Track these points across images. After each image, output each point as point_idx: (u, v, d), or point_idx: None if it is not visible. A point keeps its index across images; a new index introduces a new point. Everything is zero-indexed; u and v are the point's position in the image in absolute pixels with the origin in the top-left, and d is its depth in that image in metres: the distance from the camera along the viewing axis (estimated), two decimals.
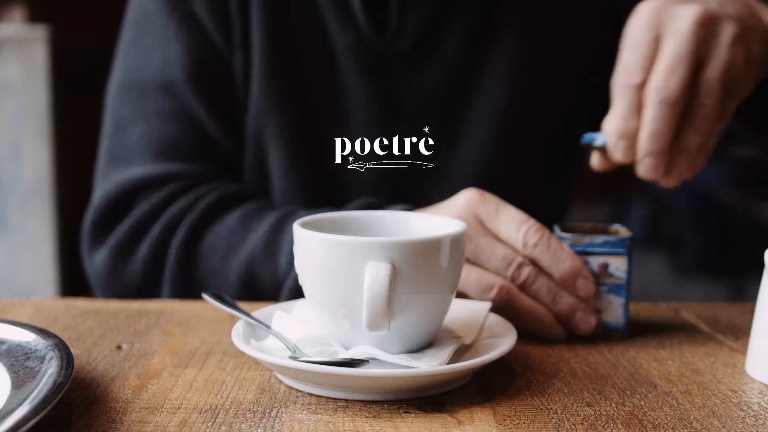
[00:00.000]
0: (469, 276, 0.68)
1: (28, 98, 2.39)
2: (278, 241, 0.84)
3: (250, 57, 0.94)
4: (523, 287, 0.68)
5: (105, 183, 0.93)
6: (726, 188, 4.10)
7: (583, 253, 0.70)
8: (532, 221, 0.69)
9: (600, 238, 0.70)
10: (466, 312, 0.66)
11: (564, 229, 0.72)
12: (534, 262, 0.68)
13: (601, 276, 0.70)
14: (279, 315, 0.64)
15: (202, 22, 0.93)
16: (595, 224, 0.74)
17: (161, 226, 0.88)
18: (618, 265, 0.70)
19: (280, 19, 0.94)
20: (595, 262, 0.70)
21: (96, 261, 0.91)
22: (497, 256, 0.68)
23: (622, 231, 0.72)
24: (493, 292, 0.67)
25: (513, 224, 0.69)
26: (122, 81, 0.95)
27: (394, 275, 0.55)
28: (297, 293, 0.79)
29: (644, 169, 0.71)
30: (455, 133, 0.97)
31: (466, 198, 0.71)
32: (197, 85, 0.93)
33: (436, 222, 0.65)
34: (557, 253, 0.68)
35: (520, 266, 0.68)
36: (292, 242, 0.80)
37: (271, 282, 0.84)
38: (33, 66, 2.33)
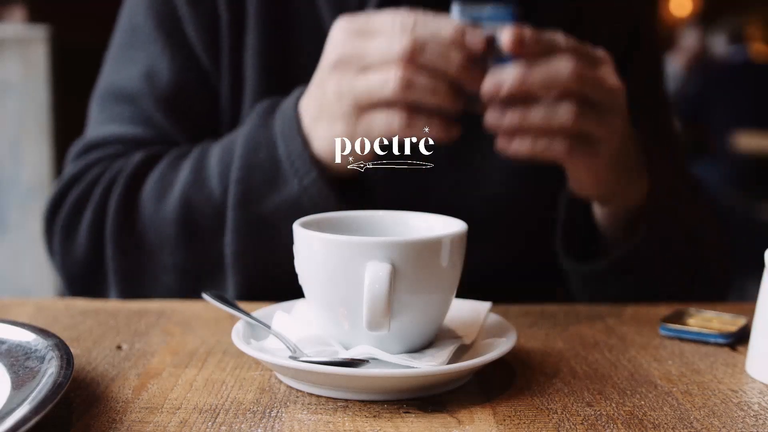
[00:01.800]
0: (357, 86, 0.70)
1: (28, 98, 2.39)
2: (205, 167, 0.82)
3: (243, 81, 0.91)
4: (414, 61, 0.68)
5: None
6: (726, 188, 4.11)
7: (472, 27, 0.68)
8: (401, 12, 0.69)
9: (486, 8, 0.68)
10: (466, 312, 0.66)
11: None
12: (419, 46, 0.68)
13: (488, 51, 0.68)
14: (279, 315, 0.64)
15: (190, 40, 0.91)
16: None
17: (100, 188, 0.87)
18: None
19: (280, 43, 0.92)
20: (481, 35, 0.68)
21: (54, 248, 0.90)
22: (373, 46, 0.69)
23: None
24: (390, 85, 0.68)
25: (386, 19, 0.69)
26: (104, 88, 0.94)
27: (394, 275, 0.55)
28: (245, 223, 0.79)
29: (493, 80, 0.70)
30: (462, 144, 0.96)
31: (337, 26, 0.72)
32: (177, 104, 0.91)
33: (436, 222, 0.65)
34: (438, 22, 0.68)
35: (398, 41, 0.68)
36: (221, 164, 0.81)
37: (209, 210, 0.82)
38: (33, 66, 2.33)
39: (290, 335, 0.61)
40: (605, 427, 0.52)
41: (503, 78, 0.69)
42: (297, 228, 0.60)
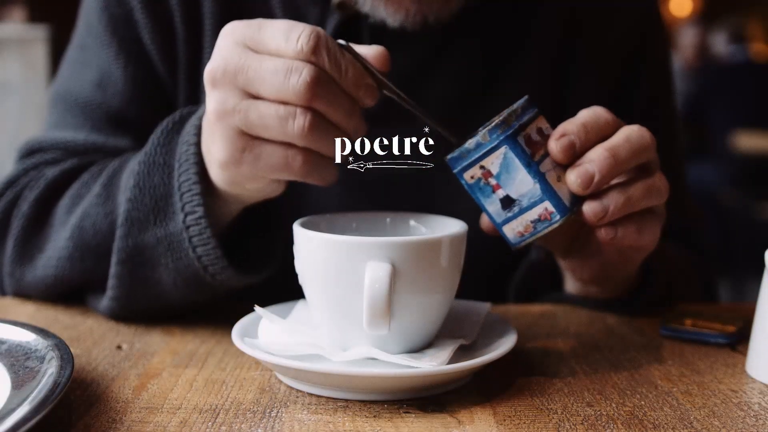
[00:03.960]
0: (248, 114, 0.60)
1: (28, 98, 2.39)
2: (116, 182, 0.75)
3: (200, 96, 0.85)
4: (313, 96, 0.58)
5: None
6: (726, 188, 4.11)
7: (464, 169, 0.60)
8: (301, 26, 0.59)
9: (514, 107, 0.59)
10: (466, 312, 0.66)
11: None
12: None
13: (544, 143, 0.60)
14: (264, 322, 0.63)
15: (146, 48, 0.85)
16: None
17: (22, 189, 0.82)
18: (545, 125, 0.61)
19: None
20: (532, 131, 0.59)
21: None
22: (268, 71, 0.59)
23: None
24: (293, 127, 0.59)
25: (280, 35, 0.59)
26: (57, 91, 0.90)
27: (394, 275, 0.55)
28: (122, 249, 0.70)
29: (580, 174, 0.60)
30: (427, 204, 0.82)
31: (225, 31, 0.62)
32: (128, 114, 0.85)
33: (436, 222, 0.65)
34: (338, 58, 0.59)
35: (298, 71, 0.58)
36: (134, 176, 0.71)
37: (106, 225, 0.73)
38: (33, 66, 2.33)
39: (283, 339, 0.61)
40: (605, 427, 0.52)
41: (588, 169, 0.60)
42: (297, 228, 0.60)
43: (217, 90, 0.61)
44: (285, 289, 0.70)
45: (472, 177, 0.60)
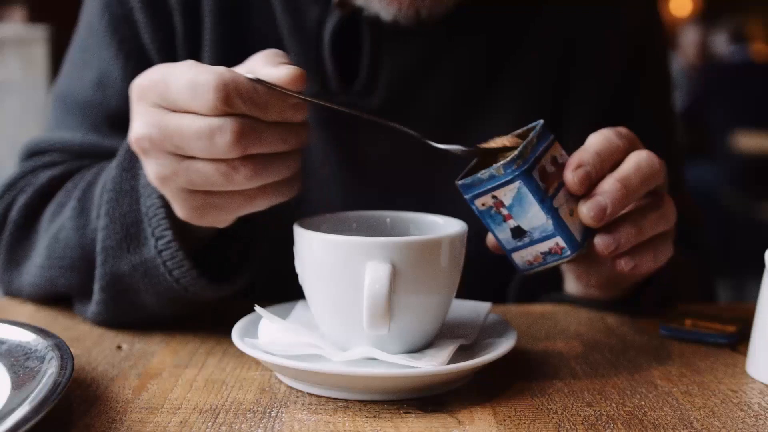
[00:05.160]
0: (188, 173, 0.58)
1: (28, 98, 2.39)
2: (90, 194, 0.73)
3: None
4: (244, 147, 0.56)
5: None
6: (726, 188, 4.11)
7: (475, 196, 0.59)
8: (204, 75, 0.56)
9: (529, 138, 0.58)
10: (466, 312, 0.66)
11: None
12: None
13: (558, 173, 0.59)
14: (264, 322, 0.63)
15: (145, 46, 0.84)
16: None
17: (17, 191, 0.82)
18: (560, 152, 0.60)
19: (239, 60, 0.86)
20: (547, 162, 0.58)
21: None
22: (191, 135, 0.56)
23: (496, 143, 0.60)
24: (232, 181, 0.57)
25: (186, 92, 0.56)
26: (59, 91, 0.90)
27: (394, 275, 0.55)
28: (102, 277, 0.69)
29: (593, 207, 0.60)
30: (426, 201, 0.83)
31: (135, 94, 0.60)
32: (128, 115, 0.85)
33: (436, 222, 0.65)
34: (252, 97, 0.56)
35: (220, 130, 0.56)
36: (104, 204, 0.70)
37: (75, 239, 0.72)
38: (33, 66, 2.33)
39: (281, 340, 0.61)
40: (605, 427, 0.52)
41: (603, 201, 0.60)
42: (297, 228, 0.60)
43: (151, 158, 0.59)
44: (285, 289, 0.70)
45: (483, 204, 0.59)
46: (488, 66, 0.86)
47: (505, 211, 0.58)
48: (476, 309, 0.66)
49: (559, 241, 0.58)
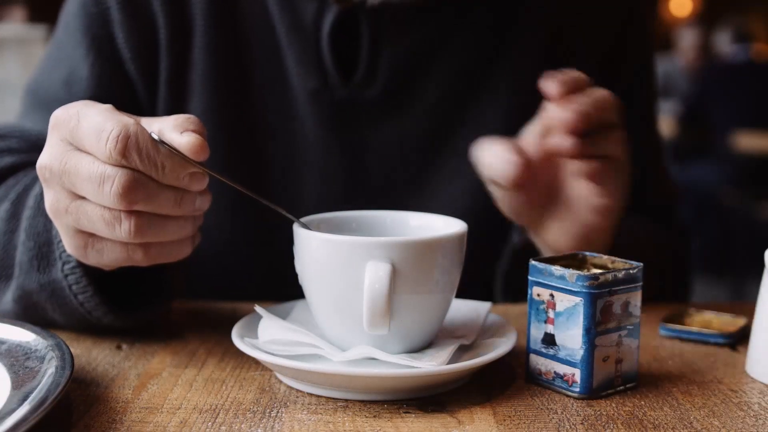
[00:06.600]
0: (81, 216, 0.58)
1: None
2: (24, 198, 0.72)
3: (186, 98, 0.84)
4: (130, 202, 0.56)
5: None
6: (726, 188, 4.11)
7: (537, 283, 0.59)
8: (111, 124, 0.56)
9: (620, 271, 0.58)
10: (466, 312, 0.66)
11: (545, 261, 0.60)
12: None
13: (622, 319, 0.58)
14: (264, 322, 0.63)
15: (118, 46, 0.84)
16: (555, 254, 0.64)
17: None
18: (636, 302, 0.59)
19: (233, 62, 0.85)
20: (618, 302, 0.58)
21: None
22: (84, 177, 0.56)
23: (593, 259, 0.62)
24: (122, 232, 0.57)
25: (93, 134, 0.56)
26: (28, 84, 0.90)
27: (394, 275, 0.55)
28: (16, 288, 0.69)
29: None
30: (427, 193, 0.87)
31: (51, 123, 0.60)
32: None
33: (436, 222, 0.65)
34: (151, 156, 0.56)
35: (111, 179, 0.56)
36: (25, 219, 0.70)
37: (4, 241, 0.71)
38: (33, 65, 2.32)
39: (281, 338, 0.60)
40: (605, 427, 0.52)
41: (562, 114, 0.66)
42: (297, 228, 0.60)
43: (49, 188, 0.60)
44: (285, 289, 0.70)
45: (538, 295, 0.59)
46: (487, 50, 0.87)
47: (551, 314, 0.58)
48: (476, 309, 0.66)
49: (577, 374, 0.57)
